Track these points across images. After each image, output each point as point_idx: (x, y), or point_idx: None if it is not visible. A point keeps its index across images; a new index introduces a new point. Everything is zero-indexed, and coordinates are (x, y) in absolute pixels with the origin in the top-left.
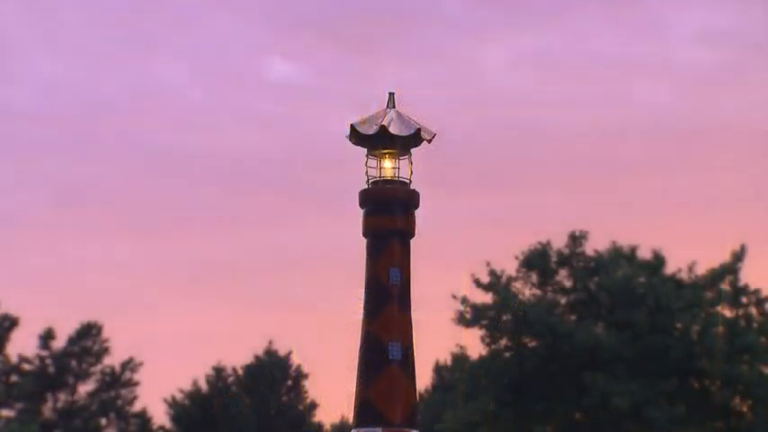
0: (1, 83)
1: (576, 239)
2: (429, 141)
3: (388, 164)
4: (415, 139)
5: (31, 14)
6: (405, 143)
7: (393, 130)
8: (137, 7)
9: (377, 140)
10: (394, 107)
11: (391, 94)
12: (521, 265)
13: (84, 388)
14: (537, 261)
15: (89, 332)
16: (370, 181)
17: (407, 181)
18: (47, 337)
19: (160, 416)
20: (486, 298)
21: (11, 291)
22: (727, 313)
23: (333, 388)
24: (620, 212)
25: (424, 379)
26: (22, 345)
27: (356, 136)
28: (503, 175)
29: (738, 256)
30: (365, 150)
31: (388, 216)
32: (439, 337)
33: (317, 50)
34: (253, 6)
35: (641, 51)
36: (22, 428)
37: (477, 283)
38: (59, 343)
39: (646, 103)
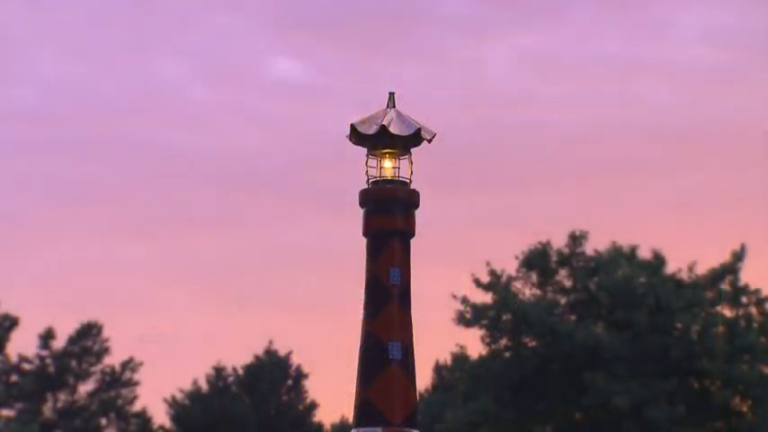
0: (1, 82)
1: (576, 239)
2: (429, 141)
3: (388, 164)
4: (416, 138)
5: (31, 14)
6: (405, 143)
7: (393, 129)
8: (137, 6)
9: (377, 140)
10: (394, 107)
11: (391, 94)
12: (521, 265)
13: (84, 388)
14: (537, 261)
15: (89, 332)
16: (371, 181)
17: (407, 181)
18: (47, 337)
19: (160, 416)
20: (486, 298)
21: (11, 291)
22: (727, 313)
23: (333, 388)
24: (620, 212)
25: (424, 379)
26: (22, 345)
27: (356, 136)
28: (503, 175)
29: (738, 256)
30: (365, 150)
31: (388, 216)
32: (439, 337)
33: (320, 50)
34: (254, 5)
35: (643, 50)
36: (22, 428)
37: (478, 283)
38: (59, 343)
39: (648, 102)
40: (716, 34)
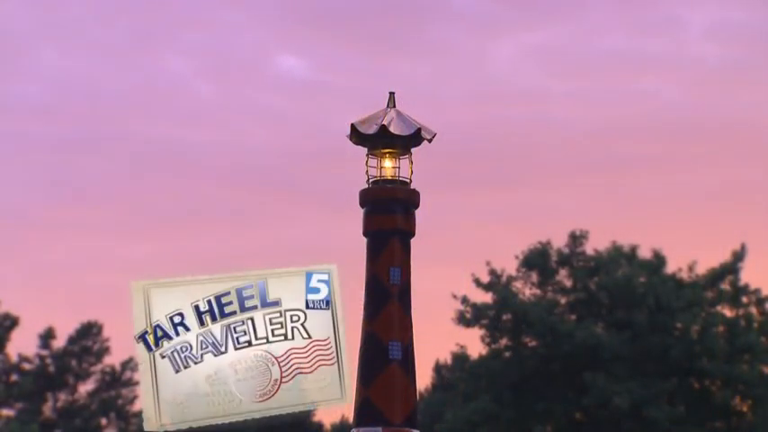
0: (4, 77)
1: (576, 239)
2: (429, 141)
3: (388, 163)
4: (416, 138)
5: (36, 9)
6: (405, 143)
7: (393, 129)
8: (141, 2)
9: (377, 140)
10: (394, 107)
11: (391, 94)
12: (521, 265)
13: (84, 388)
14: (537, 261)
15: (89, 332)
16: (371, 180)
17: (408, 181)
18: (47, 336)
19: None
20: (486, 298)
21: (11, 290)
22: (727, 313)
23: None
24: (620, 212)
25: (424, 379)
26: (22, 344)
27: (356, 135)
28: (503, 174)
29: (738, 256)
30: (366, 150)
31: (388, 215)
32: (439, 337)
33: (324, 47)
34: (258, 2)
35: (649, 47)
36: (22, 428)
37: (478, 282)
38: (59, 342)
39: (651, 100)
40: (723, 31)
